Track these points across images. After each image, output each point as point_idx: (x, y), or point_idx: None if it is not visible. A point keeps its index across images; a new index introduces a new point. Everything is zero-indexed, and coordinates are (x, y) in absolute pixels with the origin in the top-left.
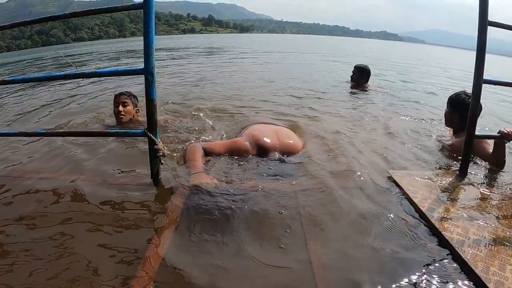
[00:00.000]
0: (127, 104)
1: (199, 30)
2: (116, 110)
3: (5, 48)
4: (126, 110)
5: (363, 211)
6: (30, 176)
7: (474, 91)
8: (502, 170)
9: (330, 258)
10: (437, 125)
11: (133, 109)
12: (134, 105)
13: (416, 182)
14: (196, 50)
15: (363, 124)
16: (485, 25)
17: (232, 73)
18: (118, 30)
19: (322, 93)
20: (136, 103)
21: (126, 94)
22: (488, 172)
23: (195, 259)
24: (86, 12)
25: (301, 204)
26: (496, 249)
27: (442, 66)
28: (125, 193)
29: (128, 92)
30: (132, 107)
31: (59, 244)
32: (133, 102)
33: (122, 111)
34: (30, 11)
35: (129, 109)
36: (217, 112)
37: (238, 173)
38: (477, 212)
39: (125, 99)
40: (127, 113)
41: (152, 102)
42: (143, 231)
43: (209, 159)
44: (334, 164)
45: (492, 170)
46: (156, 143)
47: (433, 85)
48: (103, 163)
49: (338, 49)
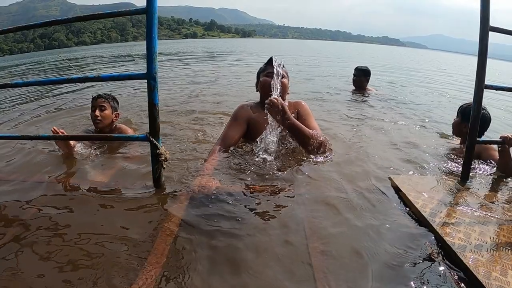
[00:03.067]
0: (105, 108)
1: (201, 34)
2: (93, 115)
3: (7, 51)
4: (103, 115)
5: (364, 216)
6: (24, 179)
7: (475, 97)
8: (504, 175)
9: (330, 262)
10: (440, 130)
11: (112, 114)
12: (113, 109)
13: (418, 187)
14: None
15: (364, 128)
16: (487, 30)
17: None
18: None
19: (323, 98)
20: (116, 106)
21: (104, 97)
22: (490, 177)
23: (195, 265)
24: (89, 17)
25: (302, 208)
26: (498, 254)
27: (445, 71)
28: (126, 197)
29: (106, 95)
30: (111, 111)
31: (56, 249)
32: (112, 105)
33: (99, 116)
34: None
35: (107, 113)
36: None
37: (241, 175)
38: (479, 217)
39: (103, 102)
40: (104, 118)
41: (155, 107)
42: (144, 236)
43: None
44: (335, 169)
45: (493, 176)
46: (158, 147)
47: (436, 91)
48: (104, 166)
49: (343, 55)
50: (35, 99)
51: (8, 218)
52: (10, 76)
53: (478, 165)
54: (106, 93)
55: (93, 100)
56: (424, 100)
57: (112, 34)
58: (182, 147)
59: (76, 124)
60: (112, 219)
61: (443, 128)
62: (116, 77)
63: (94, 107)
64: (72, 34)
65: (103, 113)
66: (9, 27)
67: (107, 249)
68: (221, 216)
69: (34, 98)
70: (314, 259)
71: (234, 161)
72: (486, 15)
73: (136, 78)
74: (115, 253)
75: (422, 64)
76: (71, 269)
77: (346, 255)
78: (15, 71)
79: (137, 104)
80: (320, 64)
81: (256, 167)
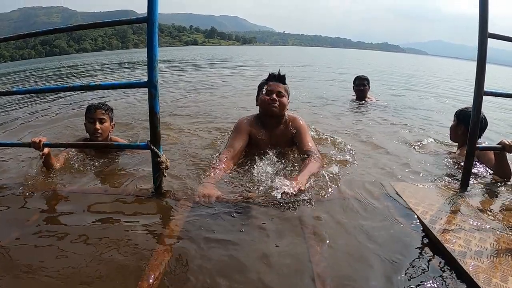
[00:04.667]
0: (105, 121)
1: (202, 42)
2: (92, 128)
3: (8, 58)
4: (103, 128)
5: (364, 223)
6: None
7: (475, 103)
8: (504, 181)
9: (330, 269)
10: (440, 137)
11: (110, 125)
12: (110, 120)
13: (418, 194)
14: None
15: (364, 136)
16: (485, 37)
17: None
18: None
19: (324, 106)
20: (112, 116)
21: (103, 108)
22: (490, 184)
23: (194, 274)
24: (91, 25)
25: (302, 218)
26: (498, 260)
27: (444, 77)
28: (127, 204)
29: (105, 105)
30: (109, 123)
31: (58, 256)
32: (110, 116)
33: (100, 129)
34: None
35: (107, 126)
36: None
37: (243, 187)
38: (479, 223)
39: (103, 114)
40: (104, 131)
41: (156, 115)
42: (145, 244)
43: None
44: (336, 176)
45: (493, 182)
46: (159, 155)
47: (436, 97)
48: (105, 173)
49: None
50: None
51: (9, 223)
52: (11, 83)
53: (477, 169)
54: (102, 103)
55: (91, 111)
56: (424, 107)
57: (113, 41)
58: (183, 154)
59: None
60: (113, 227)
61: (443, 135)
62: (117, 85)
63: (93, 119)
64: (73, 41)
65: (103, 125)
66: (11, 35)
67: (107, 255)
68: (222, 226)
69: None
70: (315, 267)
71: (237, 173)
72: (485, 22)
73: (137, 86)
74: (114, 260)
75: (422, 71)
76: (72, 273)
77: (347, 261)
78: (17, 78)
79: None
80: (320, 71)
81: (257, 179)
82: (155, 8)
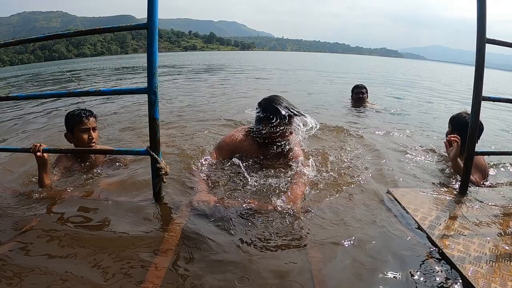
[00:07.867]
0: (97, 128)
1: (201, 47)
2: (87, 138)
3: (8, 62)
4: (96, 136)
5: (363, 229)
6: (22, 192)
7: (473, 108)
8: (502, 187)
9: (330, 273)
10: (439, 143)
11: None
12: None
13: (417, 200)
14: None
15: (363, 142)
16: (483, 42)
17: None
18: (120, 46)
19: (323, 112)
20: None
21: (95, 116)
22: (489, 189)
23: (196, 282)
24: (91, 31)
25: (300, 221)
26: (497, 265)
27: (443, 82)
28: (127, 211)
29: (94, 113)
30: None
31: (56, 263)
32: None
33: (94, 138)
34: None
35: (97, 134)
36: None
37: (237, 191)
38: (478, 229)
39: (95, 122)
40: (97, 140)
41: (155, 121)
42: (144, 249)
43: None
44: (335, 182)
45: (492, 187)
46: (158, 161)
47: (436, 102)
48: (105, 180)
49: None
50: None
51: (10, 227)
52: (10, 87)
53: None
54: (89, 110)
55: (84, 119)
56: (423, 113)
57: (112, 46)
58: (182, 159)
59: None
60: (111, 232)
61: (441, 140)
62: (117, 91)
63: (87, 128)
64: (72, 46)
65: (96, 134)
66: (11, 40)
67: (106, 262)
68: (221, 231)
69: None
70: (314, 268)
71: (228, 178)
72: (483, 28)
73: (137, 92)
74: (114, 267)
75: (418, 75)
76: (70, 280)
77: (346, 266)
78: (16, 82)
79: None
80: (320, 77)
81: (255, 189)
82: (155, 15)
